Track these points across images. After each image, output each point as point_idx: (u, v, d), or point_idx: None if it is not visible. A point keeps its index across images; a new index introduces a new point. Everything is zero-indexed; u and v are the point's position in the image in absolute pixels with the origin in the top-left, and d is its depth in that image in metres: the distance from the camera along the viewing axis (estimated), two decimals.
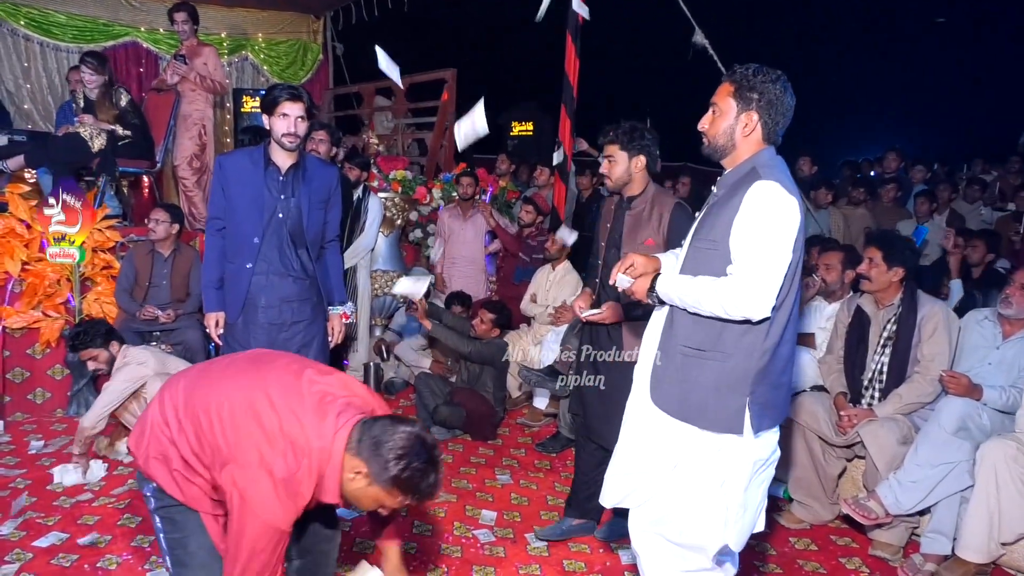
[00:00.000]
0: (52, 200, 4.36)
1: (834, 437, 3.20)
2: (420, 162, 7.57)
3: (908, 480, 2.87)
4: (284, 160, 2.96)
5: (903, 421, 3.07)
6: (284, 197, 2.97)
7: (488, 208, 5.63)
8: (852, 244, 4.59)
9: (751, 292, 1.76)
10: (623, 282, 2.05)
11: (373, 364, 5.03)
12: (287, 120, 2.85)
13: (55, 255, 4.33)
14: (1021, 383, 2.98)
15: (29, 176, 5.01)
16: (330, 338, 3.23)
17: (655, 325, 2.05)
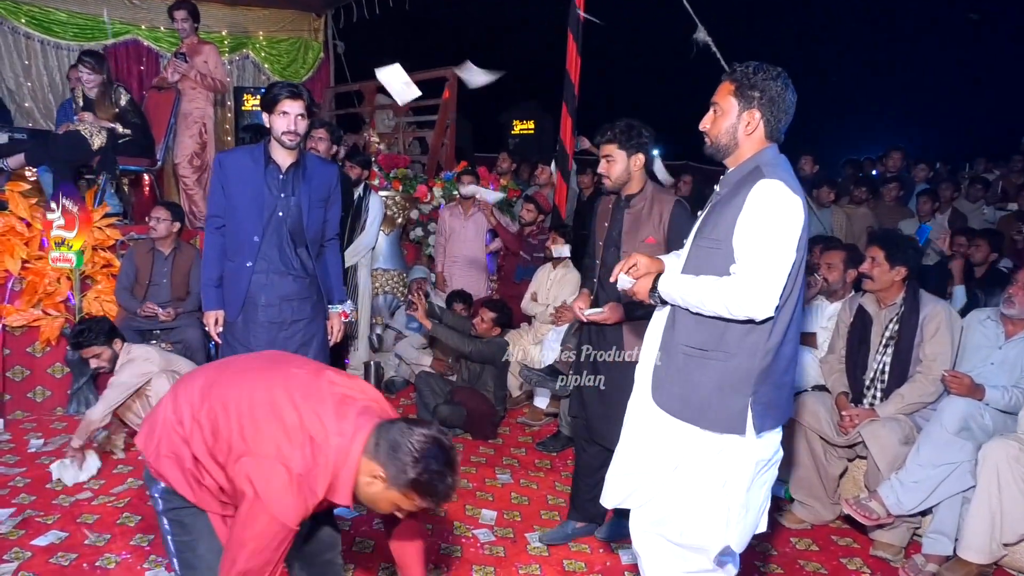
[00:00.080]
0: (53, 204, 4.37)
1: (835, 437, 3.19)
2: (421, 160, 7.56)
3: (910, 480, 2.86)
4: (284, 158, 2.95)
5: (905, 421, 3.06)
6: (284, 195, 2.96)
7: (489, 206, 5.62)
8: (854, 243, 4.57)
9: (755, 291, 1.75)
10: (624, 283, 2.04)
11: (374, 363, 5.03)
12: (287, 118, 2.84)
13: (56, 259, 4.34)
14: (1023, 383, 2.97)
15: (30, 174, 5.00)
16: (329, 337, 3.23)
17: (656, 325, 2.04)
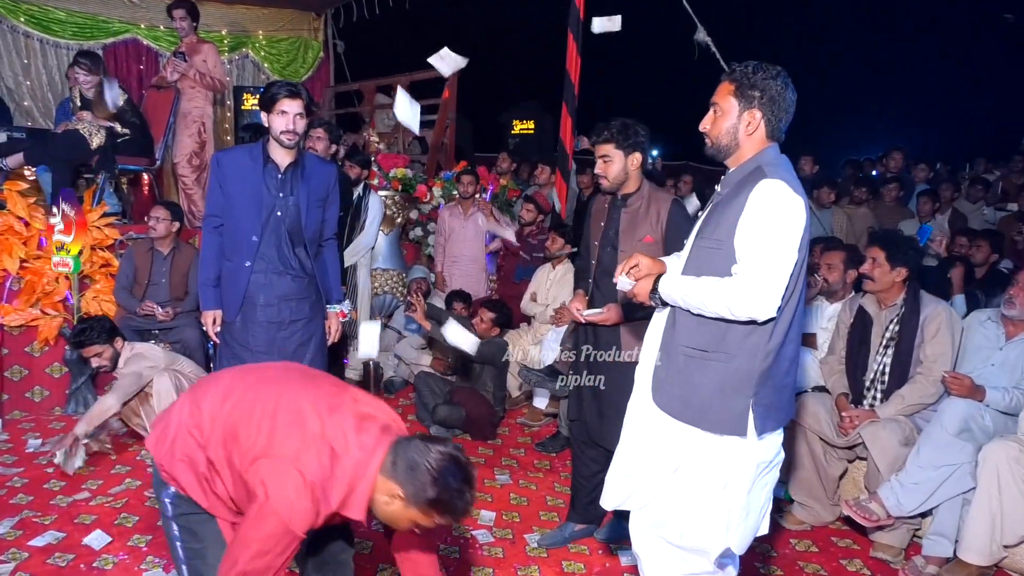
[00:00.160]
0: (55, 209, 4.37)
1: (835, 438, 3.18)
2: (421, 160, 7.55)
3: (910, 482, 2.85)
4: (283, 158, 2.94)
5: (905, 422, 3.05)
6: (283, 195, 2.95)
7: (488, 206, 5.61)
8: (855, 244, 4.56)
9: (757, 292, 1.74)
10: (625, 285, 2.03)
11: (372, 363, 5.02)
12: (285, 117, 2.83)
13: (57, 264, 4.34)
14: None
15: (29, 174, 4.99)
16: (328, 336, 3.22)
17: (657, 326, 2.03)
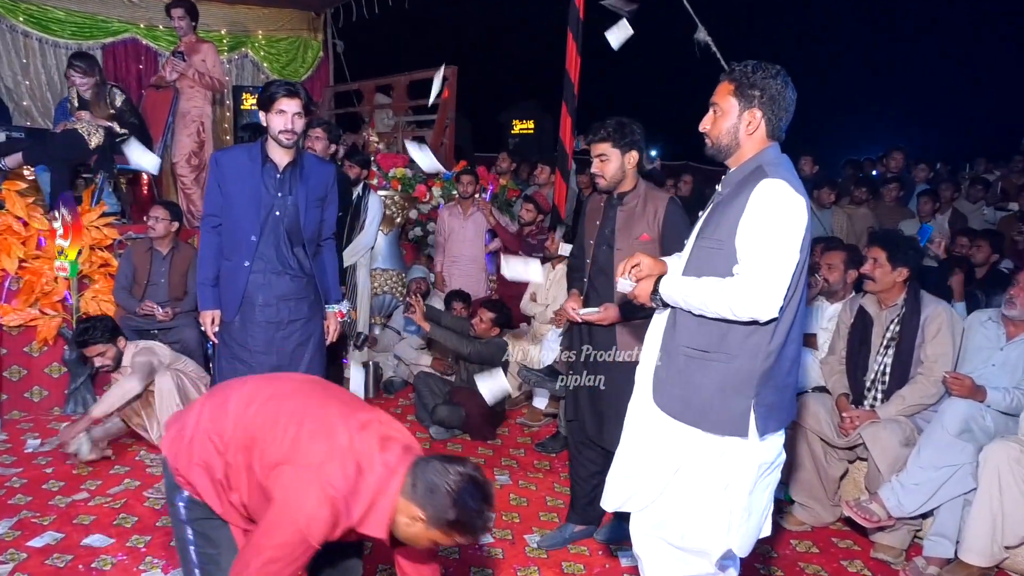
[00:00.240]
0: (56, 214, 4.37)
1: (836, 439, 3.17)
2: None
3: (911, 482, 2.84)
4: (281, 157, 2.93)
5: (906, 423, 3.05)
6: (281, 195, 2.94)
7: (488, 206, 5.61)
8: (855, 244, 4.55)
9: (759, 292, 1.73)
10: (625, 286, 2.02)
11: (372, 363, 5.01)
12: (284, 117, 2.82)
13: (59, 268, 4.34)
14: None
15: (28, 173, 4.98)
16: (326, 336, 3.21)
17: (657, 326, 2.02)
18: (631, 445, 2.05)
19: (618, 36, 4.69)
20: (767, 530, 2.01)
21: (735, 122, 1.89)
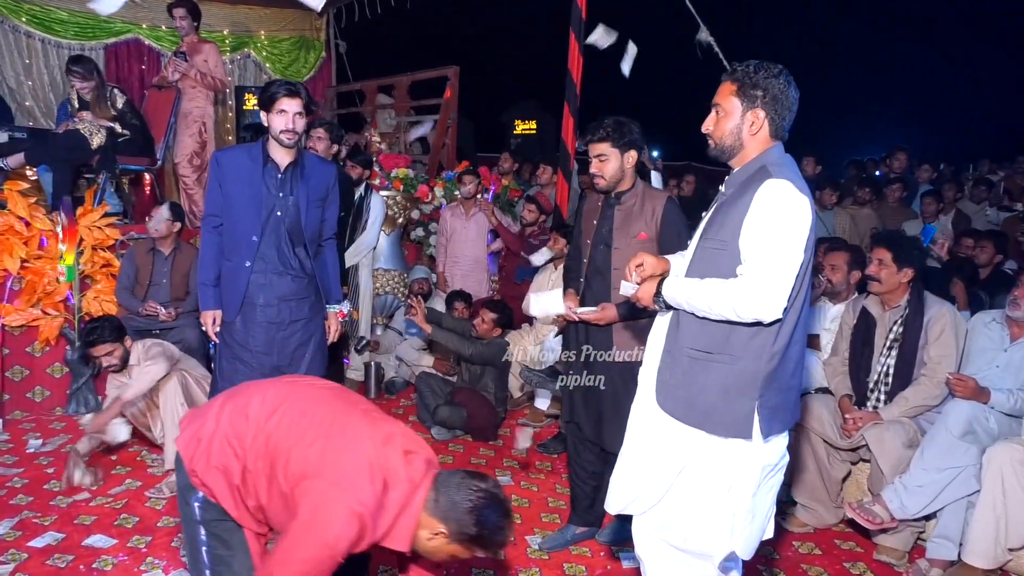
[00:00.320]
0: (57, 217, 4.37)
1: (839, 440, 3.16)
2: (422, 160, 7.54)
3: (914, 484, 2.83)
4: (282, 157, 2.92)
5: (909, 424, 3.04)
6: (282, 195, 2.93)
7: (490, 206, 5.60)
8: (859, 244, 4.54)
9: (763, 293, 1.72)
10: (628, 289, 2.01)
11: (374, 363, 5.00)
12: (285, 116, 2.82)
13: (60, 272, 4.34)
14: None
15: (30, 173, 4.99)
16: (327, 336, 3.20)
17: (660, 327, 2.01)
18: (634, 447, 2.04)
19: (601, 38, 4.82)
20: (770, 532, 2.00)
21: (738, 123, 1.88)
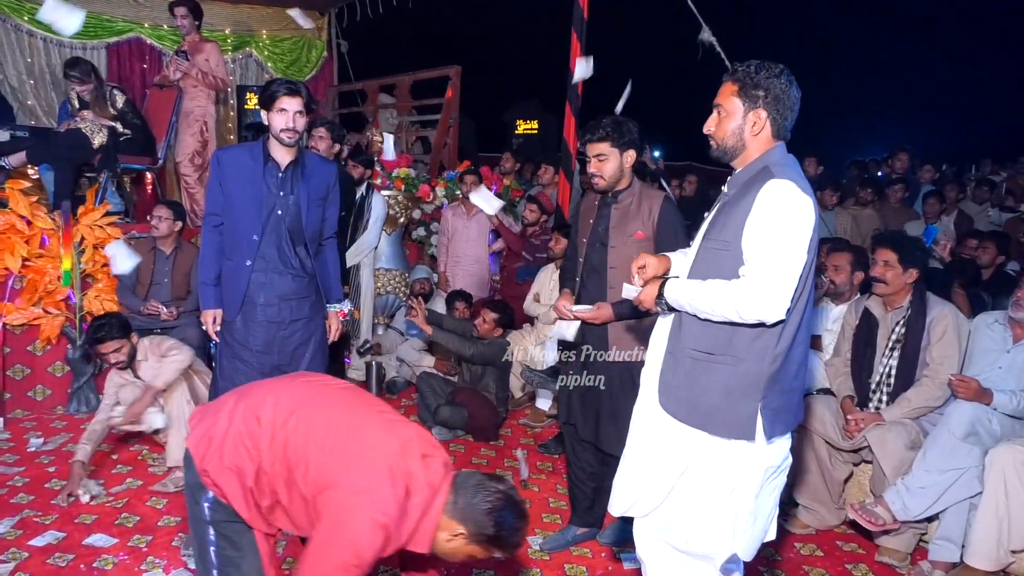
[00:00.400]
0: (56, 217, 4.37)
1: (841, 441, 3.16)
2: (424, 160, 7.55)
3: (916, 486, 2.82)
4: (283, 156, 2.92)
5: (911, 425, 3.03)
6: (283, 194, 2.93)
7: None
8: (862, 245, 4.52)
9: (766, 294, 1.71)
10: (630, 292, 2.00)
11: (375, 363, 5.00)
12: (285, 115, 2.81)
13: (58, 277, 4.35)
14: None
15: (32, 172, 4.99)
16: (328, 336, 3.20)
17: (662, 328, 2.00)
18: (637, 449, 2.03)
19: (582, 71, 5.07)
20: (772, 534, 1.99)
21: (740, 123, 1.87)
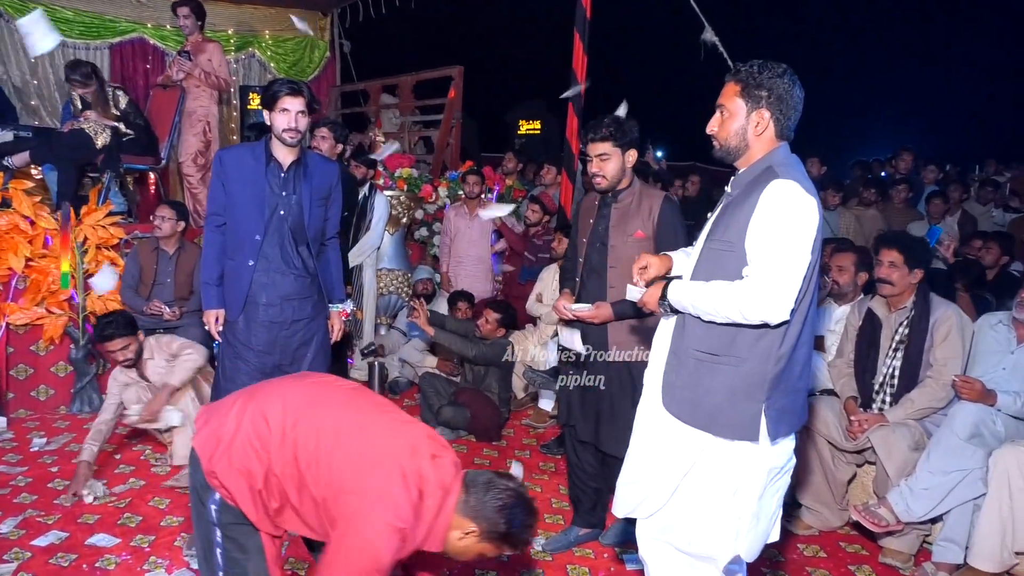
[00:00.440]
0: (59, 218, 4.37)
1: (844, 442, 3.15)
2: (426, 160, 7.55)
3: (920, 487, 2.81)
4: (285, 156, 2.92)
5: (915, 426, 3.02)
6: (285, 193, 2.93)
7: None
8: (865, 246, 4.51)
9: (769, 295, 1.70)
10: (634, 294, 1.99)
11: (378, 363, 5.00)
12: (287, 115, 2.81)
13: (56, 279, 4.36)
14: None
15: (35, 172, 5.00)
16: (330, 336, 3.20)
17: (666, 328, 1.99)
18: (640, 450, 2.03)
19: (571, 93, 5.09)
20: (775, 535, 1.98)
21: (743, 123, 1.87)
